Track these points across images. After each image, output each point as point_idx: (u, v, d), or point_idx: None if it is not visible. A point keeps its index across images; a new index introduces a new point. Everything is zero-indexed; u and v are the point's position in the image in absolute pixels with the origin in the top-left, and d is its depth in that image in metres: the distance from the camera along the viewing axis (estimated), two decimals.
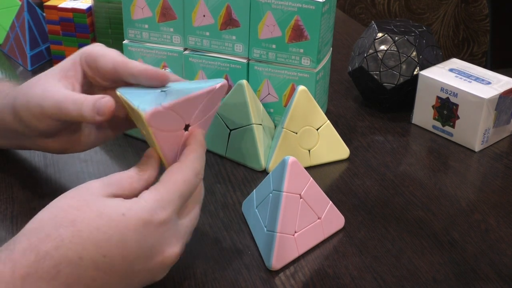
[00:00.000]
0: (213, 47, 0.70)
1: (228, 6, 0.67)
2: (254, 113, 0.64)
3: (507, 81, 0.71)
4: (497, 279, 0.52)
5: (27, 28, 0.88)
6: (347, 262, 0.53)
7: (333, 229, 0.56)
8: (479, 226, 0.58)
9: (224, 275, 0.51)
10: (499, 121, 0.71)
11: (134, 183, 0.46)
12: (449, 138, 0.73)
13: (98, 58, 0.53)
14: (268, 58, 0.69)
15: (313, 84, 0.68)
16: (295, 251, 0.53)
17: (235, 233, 0.56)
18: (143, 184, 0.46)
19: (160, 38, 0.71)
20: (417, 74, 0.74)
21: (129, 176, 0.46)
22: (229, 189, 0.63)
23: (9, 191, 0.61)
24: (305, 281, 0.51)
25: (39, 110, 0.52)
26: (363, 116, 0.78)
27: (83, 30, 0.85)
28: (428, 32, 0.77)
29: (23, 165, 0.66)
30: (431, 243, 0.56)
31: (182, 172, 0.46)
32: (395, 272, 0.52)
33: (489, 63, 1.46)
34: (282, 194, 0.51)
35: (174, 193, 0.45)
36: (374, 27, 0.78)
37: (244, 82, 0.64)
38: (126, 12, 0.71)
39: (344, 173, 0.66)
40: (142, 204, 0.43)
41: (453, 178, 0.66)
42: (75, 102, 0.50)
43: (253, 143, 0.64)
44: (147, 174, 0.47)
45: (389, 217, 0.59)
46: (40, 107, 0.51)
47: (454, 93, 0.70)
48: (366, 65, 0.76)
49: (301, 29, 0.66)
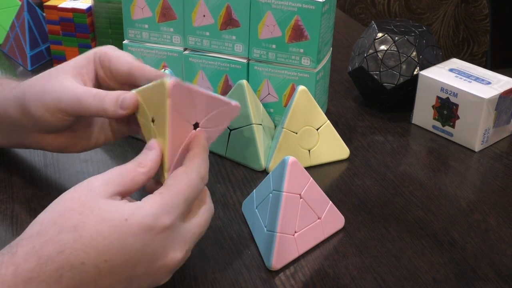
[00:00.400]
0: (213, 47, 0.70)
1: (228, 6, 0.67)
2: (254, 113, 0.64)
3: (507, 81, 0.71)
4: (497, 279, 0.52)
5: (27, 28, 0.88)
6: (347, 262, 0.53)
7: (333, 229, 0.56)
8: (479, 226, 0.58)
9: (224, 275, 0.51)
10: (499, 121, 0.71)
11: (135, 177, 0.45)
12: (449, 138, 0.73)
13: (113, 59, 0.53)
14: (268, 58, 0.69)
15: (313, 84, 0.68)
16: (295, 251, 0.53)
17: (235, 233, 0.56)
18: (144, 178, 0.46)
19: (160, 38, 0.71)
20: (417, 74, 0.74)
21: (130, 170, 0.45)
22: (229, 189, 0.63)
23: (9, 191, 0.61)
24: (305, 281, 0.51)
25: (55, 104, 0.52)
26: (363, 116, 0.78)
27: (83, 30, 0.85)
28: (428, 32, 0.77)
29: (23, 165, 0.66)
30: (431, 243, 0.56)
31: (187, 176, 0.46)
32: (395, 272, 0.52)
33: (489, 63, 1.46)
34: (282, 194, 0.51)
35: (179, 197, 0.45)
36: (374, 27, 0.78)
37: (244, 82, 0.64)
38: (126, 12, 0.71)
39: (344, 173, 0.66)
40: (146, 210, 0.43)
41: (453, 178, 0.66)
42: (96, 97, 0.50)
43: (253, 143, 0.64)
44: (147, 168, 0.46)
45: (389, 217, 0.59)
46: (58, 100, 0.52)
47: (454, 93, 0.70)
48: (366, 65, 0.76)
49: (301, 29, 0.66)
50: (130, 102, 0.49)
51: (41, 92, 0.53)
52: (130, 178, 0.45)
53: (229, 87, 0.70)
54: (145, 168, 0.46)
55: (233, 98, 0.64)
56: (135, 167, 0.46)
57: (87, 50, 0.85)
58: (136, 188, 0.45)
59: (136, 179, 0.45)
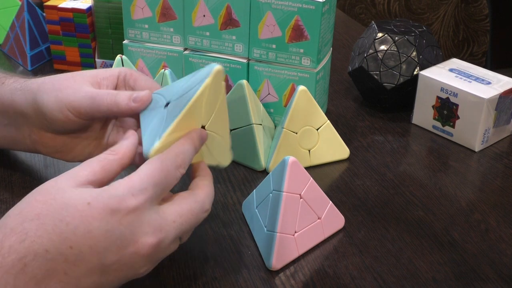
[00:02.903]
0: (213, 47, 0.70)
1: (228, 6, 0.67)
2: (254, 113, 0.64)
3: (507, 81, 0.71)
4: (497, 279, 0.52)
5: (27, 28, 0.88)
6: (347, 262, 0.53)
7: (333, 229, 0.56)
8: (479, 226, 0.58)
9: (224, 275, 0.51)
10: (499, 121, 0.71)
11: (106, 165, 0.44)
12: (449, 138, 0.73)
13: (138, 81, 0.54)
14: (268, 58, 0.69)
15: (313, 84, 0.68)
16: (295, 251, 0.53)
17: (235, 233, 0.56)
18: (116, 166, 0.45)
19: (160, 38, 0.71)
20: (417, 74, 0.74)
21: (100, 159, 0.45)
22: (229, 189, 0.63)
23: (9, 191, 0.61)
24: (305, 281, 0.51)
25: (69, 102, 0.52)
26: (363, 116, 0.78)
27: (83, 30, 0.85)
28: (428, 32, 0.77)
29: (23, 165, 0.66)
30: (431, 243, 0.56)
31: (161, 162, 0.45)
32: (395, 272, 0.52)
33: (489, 63, 1.46)
34: (282, 194, 0.51)
35: (148, 181, 0.43)
36: (374, 27, 0.78)
37: (244, 82, 0.64)
38: (126, 12, 0.71)
39: (344, 173, 0.66)
40: (111, 191, 0.42)
41: (453, 178, 0.66)
42: (110, 93, 0.51)
43: (253, 143, 0.64)
44: (120, 155, 0.46)
45: (389, 217, 0.59)
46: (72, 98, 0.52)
47: (454, 93, 0.70)
48: (366, 65, 0.76)
49: (301, 29, 0.66)
50: (143, 96, 0.51)
51: (57, 88, 0.53)
52: (101, 166, 0.44)
53: (229, 87, 0.70)
54: (117, 155, 0.45)
55: (233, 98, 0.65)
56: (106, 155, 0.45)
57: (87, 50, 0.87)
58: (110, 177, 0.44)
59: (108, 167, 0.44)
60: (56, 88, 0.53)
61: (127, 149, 0.46)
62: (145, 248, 0.43)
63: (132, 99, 0.51)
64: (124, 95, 0.51)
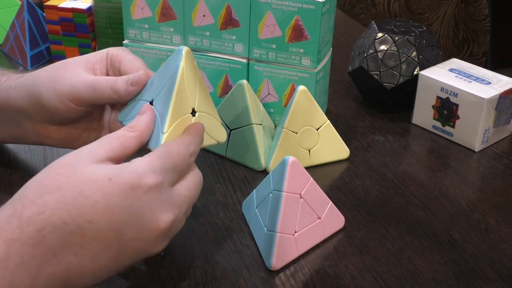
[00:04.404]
0: (213, 47, 0.70)
1: (228, 6, 0.67)
2: (254, 113, 0.64)
3: (507, 81, 0.71)
4: (497, 279, 0.52)
5: (27, 28, 0.88)
6: (347, 262, 0.53)
7: (333, 229, 0.56)
8: (479, 226, 0.58)
9: (224, 275, 0.51)
10: (499, 121, 0.71)
11: (125, 142, 0.45)
12: (449, 138, 0.73)
13: (123, 62, 0.54)
14: (268, 58, 0.69)
15: (313, 84, 0.68)
16: (295, 251, 0.53)
17: (235, 233, 0.56)
18: (134, 142, 0.45)
19: (160, 38, 0.71)
20: (417, 74, 0.74)
21: (119, 135, 0.45)
22: (229, 189, 0.63)
23: (9, 191, 0.61)
24: (305, 281, 0.51)
25: (69, 92, 0.52)
26: (363, 116, 0.78)
27: (83, 30, 0.86)
28: (428, 32, 0.77)
29: (23, 164, 0.66)
30: (431, 243, 0.56)
31: (178, 147, 0.46)
32: (395, 272, 0.52)
33: (489, 63, 1.46)
34: (282, 194, 0.51)
35: (168, 162, 0.44)
36: (374, 27, 0.78)
37: (244, 82, 0.64)
38: (126, 12, 0.71)
39: (344, 173, 0.66)
40: (132, 168, 0.42)
41: (453, 178, 0.66)
42: (108, 80, 0.52)
43: (253, 143, 0.64)
44: (138, 131, 0.46)
45: (389, 217, 0.59)
46: (71, 87, 0.52)
47: (454, 93, 0.70)
48: (366, 65, 0.76)
49: (301, 29, 0.66)
50: (139, 77, 0.51)
51: (53, 80, 0.53)
52: (120, 143, 0.45)
53: (229, 87, 0.70)
54: (136, 132, 0.46)
55: (233, 98, 0.65)
56: (125, 132, 0.46)
57: (87, 50, 0.87)
58: (128, 153, 0.45)
59: (126, 144, 0.45)
60: (52, 79, 0.53)
61: (145, 126, 0.47)
62: (165, 224, 0.44)
63: (129, 83, 0.51)
64: (121, 82, 0.51)
